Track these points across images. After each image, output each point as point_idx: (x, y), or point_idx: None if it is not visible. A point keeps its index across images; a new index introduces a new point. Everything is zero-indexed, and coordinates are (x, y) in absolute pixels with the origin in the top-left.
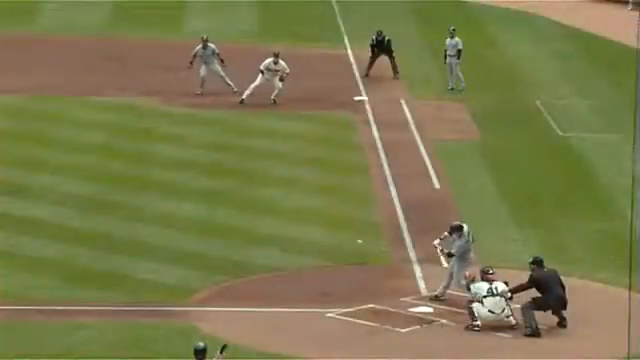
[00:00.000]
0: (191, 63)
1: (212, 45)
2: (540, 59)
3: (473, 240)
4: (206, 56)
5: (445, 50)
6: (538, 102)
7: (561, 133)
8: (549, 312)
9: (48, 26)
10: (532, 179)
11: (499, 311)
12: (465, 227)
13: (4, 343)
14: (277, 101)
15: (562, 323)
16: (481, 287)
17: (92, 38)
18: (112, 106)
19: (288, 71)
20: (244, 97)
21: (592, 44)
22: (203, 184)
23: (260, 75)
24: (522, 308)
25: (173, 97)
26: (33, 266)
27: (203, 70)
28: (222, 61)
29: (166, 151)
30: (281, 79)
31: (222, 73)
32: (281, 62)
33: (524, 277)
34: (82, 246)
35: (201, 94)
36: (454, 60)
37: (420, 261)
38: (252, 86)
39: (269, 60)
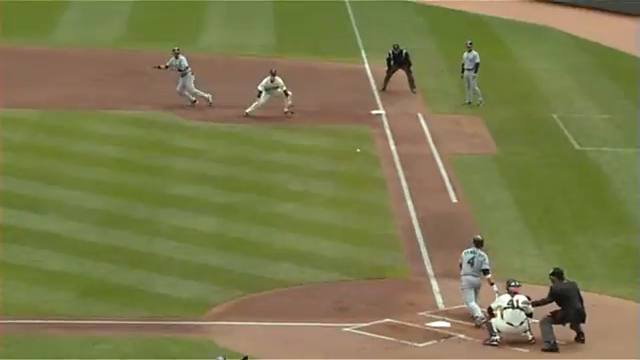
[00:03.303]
0: (159, 67)
1: (182, 57)
2: (557, 72)
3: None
4: (177, 67)
5: (462, 64)
6: (555, 116)
7: (578, 147)
8: (567, 325)
9: (64, 40)
10: (549, 193)
11: (517, 323)
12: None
13: (23, 356)
14: (291, 112)
15: (580, 338)
16: (502, 299)
17: (109, 52)
18: (128, 120)
19: (285, 88)
20: (248, 111)
21: (609, 57)
22: (220, 198)
23: (259, 98)
24: (540, 322)
25: (189, 111)
26: (51, 280)
27: (180, 85)
28: (183, 73)
29: (183, 165)
30: (285, 94)
31: (193, 88)
32: (277, 79)
33: (542, 292)
34: (99, 260)
35: (210, 103)
36: (471, 74)
37: (437, 275)
38: (255, 104)
39: (266, 79)
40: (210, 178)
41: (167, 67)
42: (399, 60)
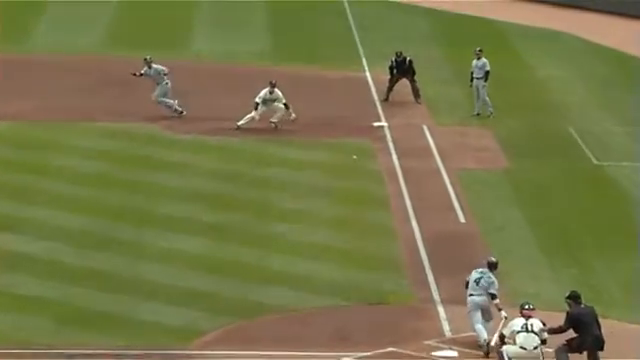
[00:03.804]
0: (134, 74)
1: (156, 66)
2: (573, 81)
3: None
4: (153, 77)
5: (471, 72)
6: (571, 128)
7: (596, 162)
8: (584, 354)
9: (40, 46)
10: (565, 212)
11: (531, 348)
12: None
13: None
14: (279, 126)
15: None
16: (515, 322)
17: (88, 58)
18: (111, 132)
19: (284, 101)
20: (240, 123)
21: (628, 65)
22: (210, 217)
23: (256, 110)
24: (556, 352)
25: (177, 123)
26: (26, 306)
27: (156, 94)
28: (158, 81)
29: (170, 181)
30: (286, 106)
31: (160, 97)
32: (277, 91)
33: (558, 319)
34: (79, 285)
35: (182, 113)
36: (481, 83)
37: (444, 301)
38: (248, 116)
39: (265, 91)
40: (199, 196)
41: (142, 75)
42: (402, 68)
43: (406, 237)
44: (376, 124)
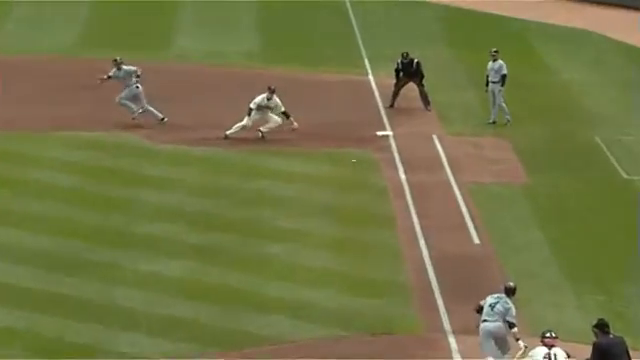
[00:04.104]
0: (101, 80)
1: (126, 67)
2: (599, 86)
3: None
4: (122, 79)
5: (486, 76)
6: (598, 138)
7: (626, 176)
8: None
9: (6, 46)
10: (591, 232)
11: None
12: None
13: None
14: (266, 136)
15: None
16: (537, 352)
17: (61, 60)
18: (84, 143)
19: (283, 109)
20: (229, 132)
21: None
22: (194, 238)
23: (248, 116)
24: None
25: (157, 132)
26: None
27: (121, 96)
28: (127, 84)
29: (149, 197)
30: (286, 115)
31: (123, 99)
32: (275, 98)
33: (583, 351)
34: (50, 313)
35: (134, 119)
36: (497, 87)
37: (455, 331)
38: (238, 125)
39: (262, 96)
40: (181, 213)
41: (109, 78)
42: (409, 71)
43: (413, 259)
44: (380, 133)
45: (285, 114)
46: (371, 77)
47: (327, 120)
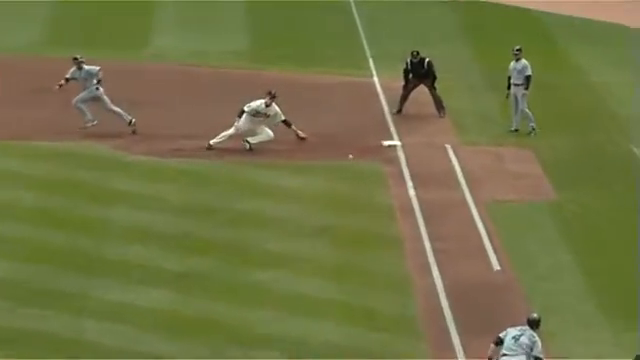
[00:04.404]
0: (60, 85)
1: (88, 67)
2: (635, 89)
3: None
4: (82, 80)
5: (508, 77)
6: (635, 148)
7: None
8: None
9: None
10: (628, 256)
11: None
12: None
13: None
14: (254, 149)
15: None
16: None
17: (22, 62)
18: (50, 154)
19: (283, 118)
20: (213, 142)
21: None
22: (173, 263)
23: (239, 119)
24: None
25: (132, 141)
26: None
27: (78, 97)
28: (85, 85)
29: (122, 217)
30: (287, 123)
31: (79, 102)
32: (274, 106)
33: None
34: (10, 348)
35: (86, 127)
36: (520, 90)
37: None
38: (225, 134)
39: (259, 102)
40: (159, 236)
41: (67, 81)
42: (419, 72)
43: (425, 288)
44: (386, 143)
45: (286, 123)
46: (376, 79)
47: (325, 128)
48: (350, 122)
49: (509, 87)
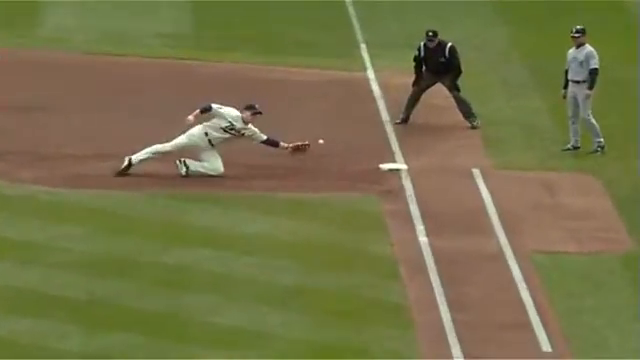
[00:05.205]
0: None
1: None
2: None
3: None
4: None
5: (565, 71)
6: None
7: None
8: None
9: None
10: None
11: None
12: None
13: None
14: (191, 175)
15: None
16: None
17: None
18: None
19: (264, 138)
20: (133, 158)
21: None
22: (76, 343)
23: (192, 129)
24: None
25: (16, 163)
26: None
27: None
28: None
29: (5, 275)
30: (272, 144)
31: None
32: (251, 127)
33: None
34: None
35: None
36: (581, 90)
37: None
38: (155, 149)
39: (236, 114)
40: (58, 303)
41: None
42: (436, 61)
43: None
44: (386, 166)
45: (270, 143)
46: (371, 73)
47: (303, 144)
48: (333, 136)
49: (566, 85)
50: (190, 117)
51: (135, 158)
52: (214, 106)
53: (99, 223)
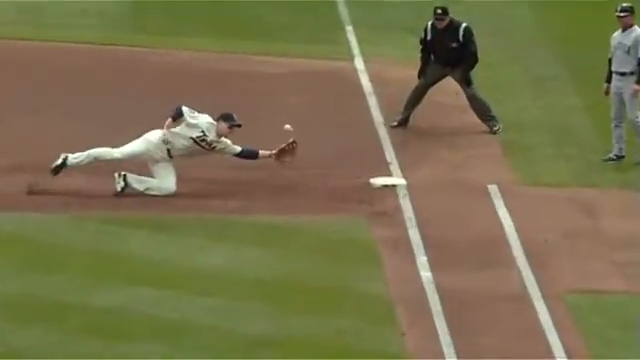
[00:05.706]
0: None
1: None
2: None
3: None
4: None
5: (609, 59)
6: None
7: None
8: None
9: None
10: None
11: None
12: None
13: None
14: (126, 191)
15: None
16: None
17: None
18: None
19: (238, 150)
20: (71, 159)
21: None
22: None
23: (148, 134)
24: None
25: None
26: None
27: None
28: None
29: None
30: (247, 155)
31: None
32: (224, 139)
33: None
34: None
35: None
36: (627, 85)
37: None
38: (96, 152)
39: (210, 122)
40: None
41: None
42: (447, 47)
43: None
44: (379, 181)
45: (245, 155)
46: (359, 62)
47: (282, 146)
48: (313, 143)
49: (609, 78)
50: (165, 131)
51: (72, 158)
52: (185, 110)
53: (13, 255)
